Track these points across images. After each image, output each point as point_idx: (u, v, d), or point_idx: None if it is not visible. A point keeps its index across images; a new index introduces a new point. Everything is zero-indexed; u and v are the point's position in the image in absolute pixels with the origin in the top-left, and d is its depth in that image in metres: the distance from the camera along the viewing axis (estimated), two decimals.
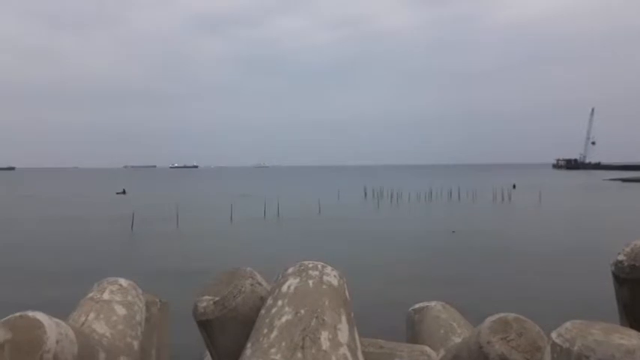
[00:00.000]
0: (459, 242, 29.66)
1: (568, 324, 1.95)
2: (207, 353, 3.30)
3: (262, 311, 2.57)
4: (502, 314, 2.62)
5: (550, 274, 20.88)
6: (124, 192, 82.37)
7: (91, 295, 3.08)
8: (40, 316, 2.23)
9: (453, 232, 33.91)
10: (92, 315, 2.87)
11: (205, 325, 2.87)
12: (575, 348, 1.83)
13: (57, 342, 2.17)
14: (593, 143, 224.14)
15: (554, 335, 1.95)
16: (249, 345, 2.41)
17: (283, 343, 2.23)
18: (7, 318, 2.22)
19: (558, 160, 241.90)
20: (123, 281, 3.22)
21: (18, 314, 2.25)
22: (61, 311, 2.88)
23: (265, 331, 2.37)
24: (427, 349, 3.00)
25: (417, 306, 3.71)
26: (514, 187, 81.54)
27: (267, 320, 2.44)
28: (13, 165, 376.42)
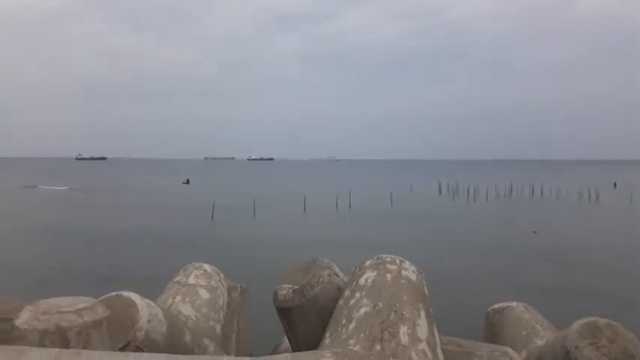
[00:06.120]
0: (540, 243, 28.31)
1: None
2: (286, 339, 3.38)
3: (340, 302, 2.59)
4: (592, 318, 2.48)
5: None
6: (187, 182, 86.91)
7: (177, 278, 3.25)
8: (134, 296, 2.39)
9: (535, 232, 32.40)
10: (179, 297, 3.02)
11: (285, 312, 2.95)
12: None
13: (148, 321, 2.31)
14: None
15: None
16: (327, 335, 2.44)
17: (362, 335, 2.24)
18: (105, 296, 2.39)
19: None
20: (207, 266, 3.37)
21: (114, 293, 2.42)
22: (150, 292, 3.06)
23: (344, 321, 2.39)
24: (509, 349, 2.90)
25: (496, 306, 3.60)
26: (615, 185, 75.63)
27: (345, 311, 2.46)
28: (105, 155, 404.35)
